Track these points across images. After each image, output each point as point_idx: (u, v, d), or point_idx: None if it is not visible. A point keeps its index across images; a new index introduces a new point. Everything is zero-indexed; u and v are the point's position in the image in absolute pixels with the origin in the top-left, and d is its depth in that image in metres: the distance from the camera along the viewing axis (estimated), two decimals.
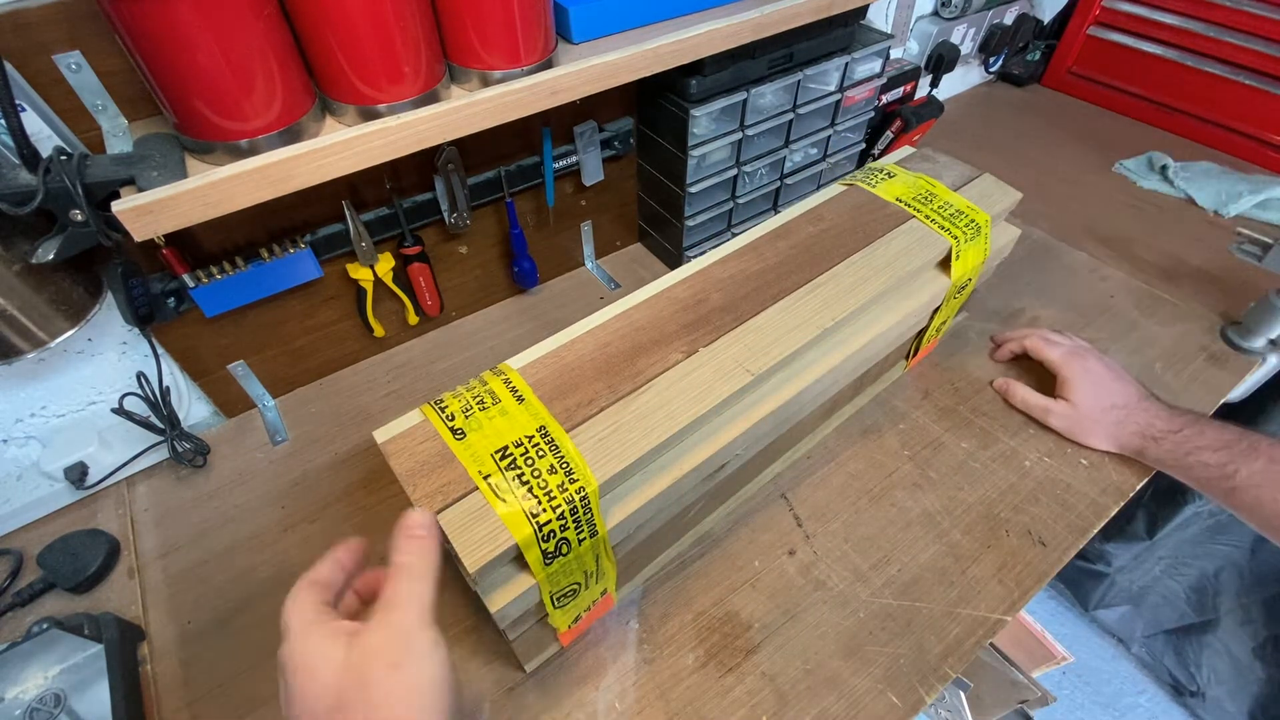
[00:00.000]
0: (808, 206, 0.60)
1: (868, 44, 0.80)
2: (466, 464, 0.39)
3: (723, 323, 0.48)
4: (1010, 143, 1.11)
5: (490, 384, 0.43)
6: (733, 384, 0.44)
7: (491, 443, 0.40)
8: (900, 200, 0.59)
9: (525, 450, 0.39)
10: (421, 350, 0.81)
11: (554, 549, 0.39)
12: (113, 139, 0.49)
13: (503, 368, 0.45)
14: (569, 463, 0.39)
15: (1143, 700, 1.29)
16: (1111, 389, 0.63)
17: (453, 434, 0.40)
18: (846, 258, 0.54)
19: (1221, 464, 0.55)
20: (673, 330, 0.48)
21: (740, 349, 0.47)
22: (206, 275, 0.59)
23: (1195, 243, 0.89)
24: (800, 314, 0.49)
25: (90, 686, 0.49)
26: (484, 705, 0.50)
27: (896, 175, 0.62)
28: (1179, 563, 1.18)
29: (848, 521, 0.61)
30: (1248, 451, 0.55)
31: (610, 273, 0.90)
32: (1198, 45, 1.04)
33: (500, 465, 0.39)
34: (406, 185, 0.67)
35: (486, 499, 0.37)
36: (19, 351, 0.50)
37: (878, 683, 0.50)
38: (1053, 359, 0.66)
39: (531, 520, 0.37)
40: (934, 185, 0.61)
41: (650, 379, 0.44)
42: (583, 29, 0.58)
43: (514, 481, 0.38)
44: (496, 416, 0.41)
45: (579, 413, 0.42)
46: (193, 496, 0.66)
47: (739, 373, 0.45)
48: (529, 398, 0.42)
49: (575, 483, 0.38)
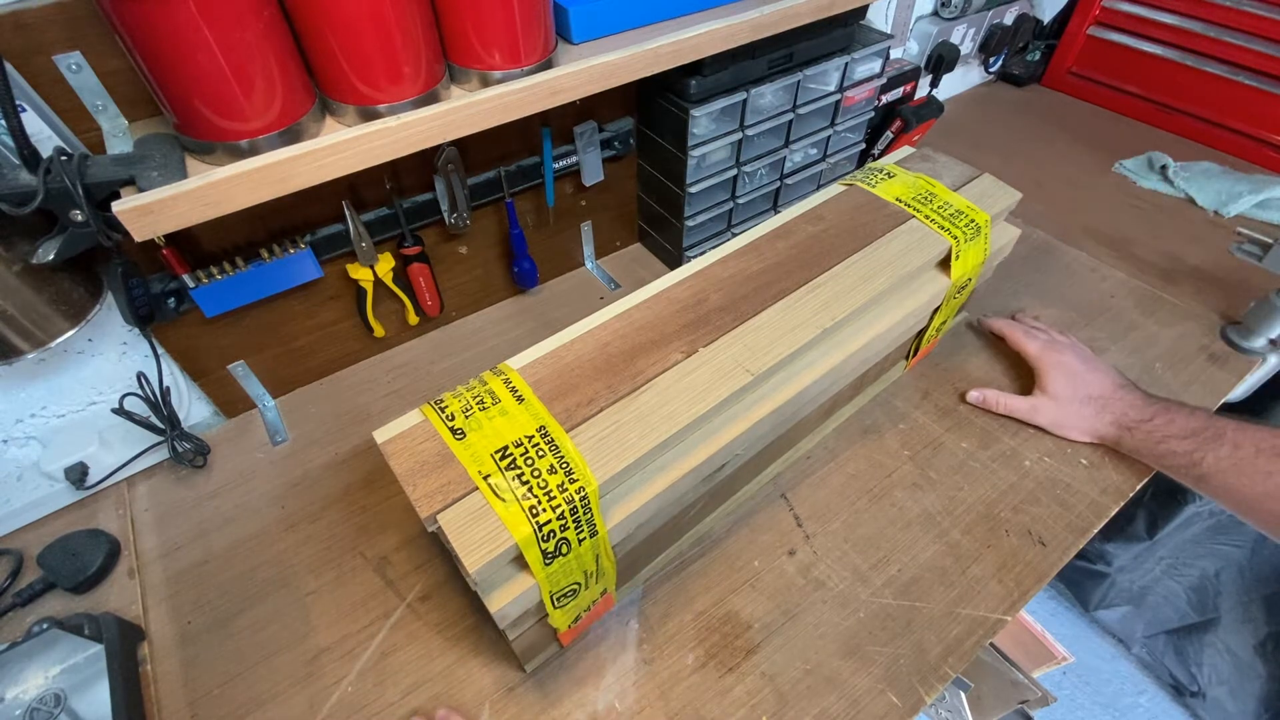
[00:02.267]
0: (808, 206, 0.60)
1: (868, 44, 0.80)
2: (466, 464, 0.39)
3: (722, 323, 0.48)
4: (1010, 143, 1.11)
5: (490, 384, 0.43)
6: (732, 384, 0.44)
7: (491, 443, 0.40)
8: (900, 200, 0.59)
9: (525, 450, 0.39)
10: (421, 350, 0.81)
11: (554, 549, 0.39)
12: (113, 139, 0.49)
13: (502, 368, 0.45)
14: (569, 463, 0.39)
15: (1143, 700, 1.29)
16: (1086, 380, 0.64)
17: (453, 434, 0.40)
18: (847, 258, 0.54)
19: (1189, 451, 0.56)
20: (672, 330, 0.48)
21: (740, 349, 0.47)
22: (206, 275, 0.59)
23: (1195, 243, 0.89)
24: (800, 314, 0.49)
25: (90, 686, 0.49)
26: (484, 705, 0.50)
27: (896, 175, 0.62)
28: (1179, 563, 1.17)
29: (848, 521, 0.61)
30: (1213, 438, 0.55)
31: (610, 273, 0.90)
32: (1198, 45, 1.04)
33: (500, 465, 0.39)
34: (406, 185, 0.67)
35: (486, 499, 0.37)
36: (19, 351, 0.50)
37: (878, 683, 0.50)
38: (1029, 352, 0.68)
39: (531, 520, 0.37)
40: (934, 185, 0.61)
41: (650, 379, 0.44)
42: (583, 29, 0.58)
43: (514, 481, 0.38)
44: (496, 416, 0.41)
45: (579, 413, 0.42)
46: (193, 496, 0.66)
47: (739, 373, 0.45)
48: (529, 397, 0.42)
49: (575, 482, 0.39)
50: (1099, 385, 0.64)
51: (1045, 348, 0.67)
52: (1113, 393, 0.63)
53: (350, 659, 0.53)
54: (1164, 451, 0.58)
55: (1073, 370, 0.65)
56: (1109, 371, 0.65)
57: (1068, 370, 0.65)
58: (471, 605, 0.56)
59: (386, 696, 0.51)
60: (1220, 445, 0.55)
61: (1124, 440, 0.61)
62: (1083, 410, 0.63)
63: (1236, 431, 0.55)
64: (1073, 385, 0.64)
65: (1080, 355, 0.66)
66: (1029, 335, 0.69)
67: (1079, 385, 0.64)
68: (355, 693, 0.52)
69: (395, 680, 0.52)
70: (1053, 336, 0.69)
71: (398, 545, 0.61)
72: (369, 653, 0.54)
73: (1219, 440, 0.55)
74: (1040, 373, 0.66)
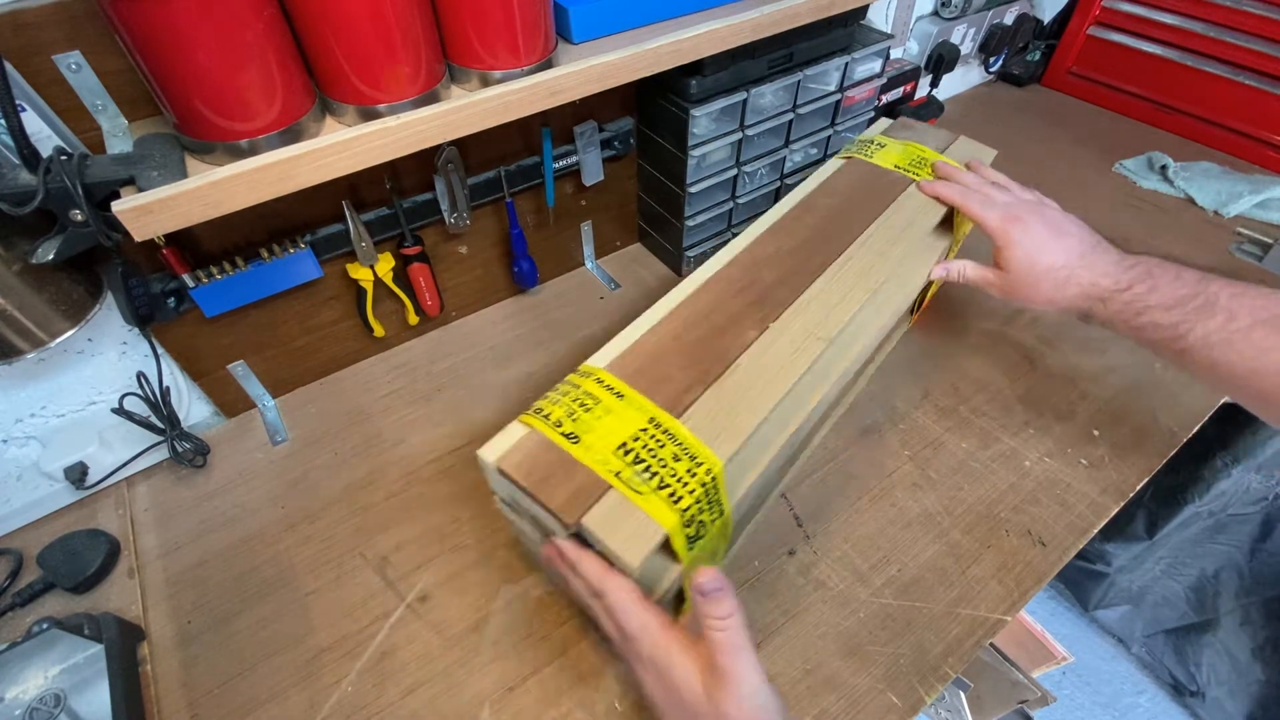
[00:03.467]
0: (817, 182, 0.64)
1: (868, 44, 0.80)
2: (592, 465, 0.39)
3: (782, 297, 0.52)
4: (1010, 143, 1.11)
5: (584, 385, 0.44)
6: (810, 352, 0.48)
7: (609, 441, 0.40)
8: (898, 167, 0.64)
9: (644, 443, 0.40)
10: (422, 350, 0.81)
11: (695, 533, 0.39)
12: (113, 139, 0.49)
13: (587, 369, 0.46)
14: (689, 448, 0.40)
15: (1143, 700, 1.29)
16: (1050, 248, 0.56)
17: (567, 439, 0.41)
18: (869, 225, 0.59)
19: (1174, 323, 0.49)
20: (738, 310, 0.50)
21: (806, 319, 0.50)
22: (206, 275, 0.59)
23: (1195, 243, 0.89)
24: (846, 280, 0.54)
25: (90, 686, 0.49)
26: (484, 705, 0.50)
27: (887, 145, 0.68)
28: (1179, 563, 1.17)
29: (848, 521, 0.61)
30: (1203, 308, 0.48)
31: (610, 273, 0.90)
32: (1197, 45, 1.04)
33: (625, 461, 0.39)
34: (406, 185, 0.67)
35: (624, 495, 0.38)
36: (19, 351, 0.50)
37: (878, 683, 0.50)
38: (988, 223, 0.58)
39: (674, 507, 0.37)
40: (924, 150, 0.66)
41: (735, 359, 0.47)
42: (583, 29, 0.58)
43: (644, 474, 0.39)
44: (603, 416, 0.42)
45: (681, 400, 0.43)
46: (193, 496, 0.66)
47: (812, 341, 0.48)
48: (628, 393, 0.43)
49: (701, 465, 0.39)
50: (1064, 252, 0.55)
51: (1005, 217, 0.58)
52: (1079, 260, 0.55)
53: (350, 659, 0.53)
54: (1144, 324, 0.51)
55: (1037, 238, 0.56)
56: (1079, 234, 0.57)
57: (1031, 238, 0.56)
58: (471, 605, 0.56)
59: (386, 696, 0.51)
60: (1211, 316, 0.48)
61: (1095, 311, 0.54)
62: (1044, 281, 0.55)
63: (1232, 299, 0.48)
64: (1032, 256, 0.56)
65: (1046, 219, 0.57)
66: (986, 204, 0.59)
67: (1041, 255, 0.56)
68: (355, 693, 0.52)
69: (395, 680, 0.52)
70: (1015, 197, 0.61)
71: (398, 545, 0.61)
72: (369, 653, 0.54)
73: (1209, 310, 0.48)
74: (999, 245, 0.58)
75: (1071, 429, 0.67)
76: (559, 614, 0.55)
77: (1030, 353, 0.75)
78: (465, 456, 0.68)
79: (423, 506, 0.64)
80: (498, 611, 0.56)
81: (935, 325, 0.78)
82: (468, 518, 0.63)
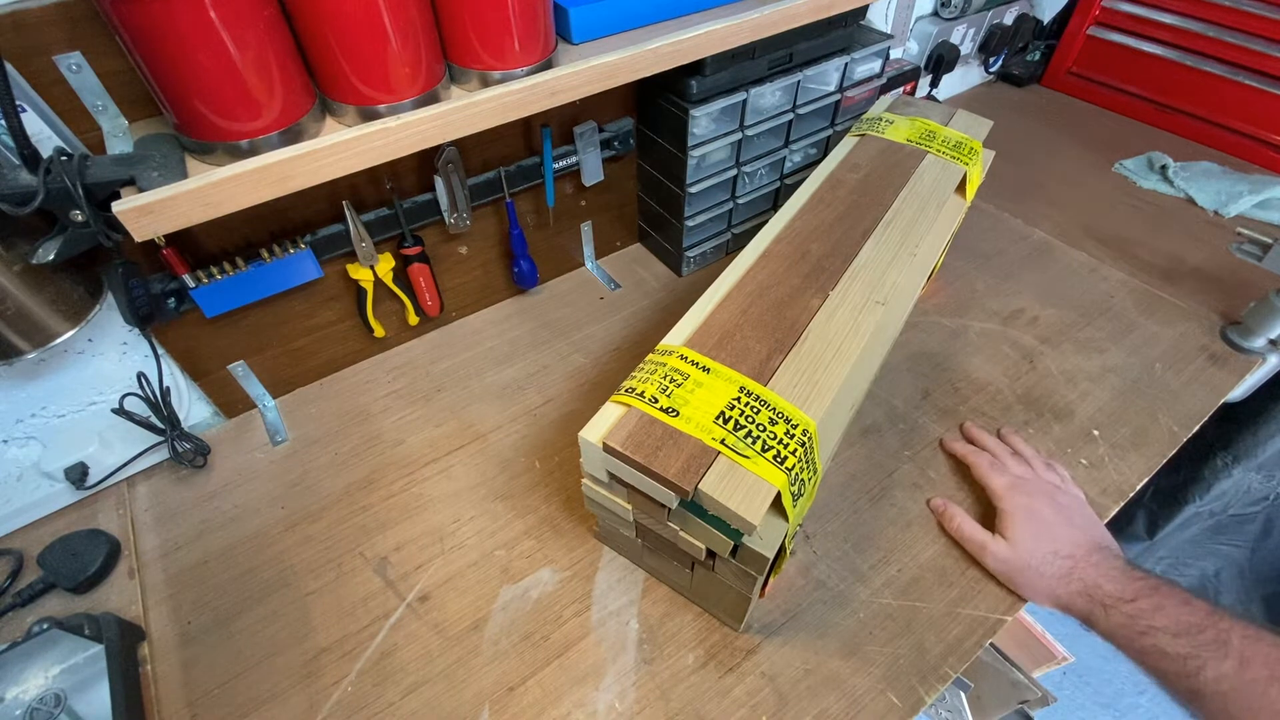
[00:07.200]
0: (839, 158, 0.68)
1: (867, 44, 0.80)
2: (697, 435, 0.41)
3: (834, 266, 0.55)
4: (1010, 143, 1.11)
5: (669, 363, 0.46)
6: (872, 315, 0.51)
7: (707, 413, 0.42)
8: (911, 141, 0.69)
9: (741, 410, 0.42)
10: (422, 350, 0.81)
11: (797, 490, 0.41)
12: (113, 139, 0.49)
13: (666, 347, 0.48)
14: (783, 412, 0.42)
15: (1143, 700, 1.29)
16: (1057, 534, 0.53)
17: (666, 413, 0.42)
18: (897, 194, 0.62)
19: (1183, 656, 0.44)
20: (797, 282, 0.53)
21: (861, 285, 0.53)
22: (207, 275, 0.59)
23: (1195, 243, 0.89)
24: (889, 247, 0.57)
25: (90, 687, 0.49)
26: (484, 705, 0.50)
27: (895, 121, 0.72)
28: (1179, 563, 1.17)
29: (848, 521, 0.61)
30: (1214, 644, 0.44)
31: (610, 273, 0.90)
32: (1197, 45, 1.04)
33: (726, 429, 0.41)
34: (406, 185, 0.67)
35: (733, 460, 0.40)
36: (19, 351, 0.50)
37: (878, 683, 0.50)
38: (993, 488, 0.58)
39: (780, 467, 0.39)
40: (930, 124, 0.71)
41: (805, 327, 0.49)
42: (583, 29, 0.58)
43: (746, 439, 0.41)
44: (695, 389, 0.44)
45: (765, 368, 0.46)
46: (193, 496, 0.66)
47: (871, 305, 0.52)
48: (715, 366, 0.45)
49: (797, 426, 0.42)
50: (1071, 542, 0.53)
51: (1012, 487, 0.57)
52: (1086, 555, 0.51)
53: (350, 659, 0.53)
54: (1148, 647, 0.46)
55: (1041, 519, 0.54)
56: (1089, 526, 0.55)
57: (1034, 518, 0.55)
58: (471, 605, 0.56)
59: (386, 696, 0.51)
60: (1224, 657, 0.43)
61: (1095, 616, 0.49)
62: (1043, 569, 0.52)
63: (1245, 641, 0.43)
64: (1036, 536, 0.54)
65: (1054, 501, 0.56)
66: (995, 468, 0.59)
67: (1045, 538, 0.53)
68: (355, 693, 0.52)
69: (395, 680, 0.52)
70: (1033, 471, 0.60)
71: (398, 545, 0.61)
72: (369, 653, 0.54)
73: (1222, 649, 0.43)
74: (1002, 513, 0.56)
75: (1071, 429, 0.67)
76: (559, 614, 0.55)
77: (1030, 353, 0.75)
78: (465, 456, 0.68)
79: (422, 506, 0.64)
80: (498, 611, 0.56)
81: (936, 325, 0.78)
82: (468, 518, 0.63)
